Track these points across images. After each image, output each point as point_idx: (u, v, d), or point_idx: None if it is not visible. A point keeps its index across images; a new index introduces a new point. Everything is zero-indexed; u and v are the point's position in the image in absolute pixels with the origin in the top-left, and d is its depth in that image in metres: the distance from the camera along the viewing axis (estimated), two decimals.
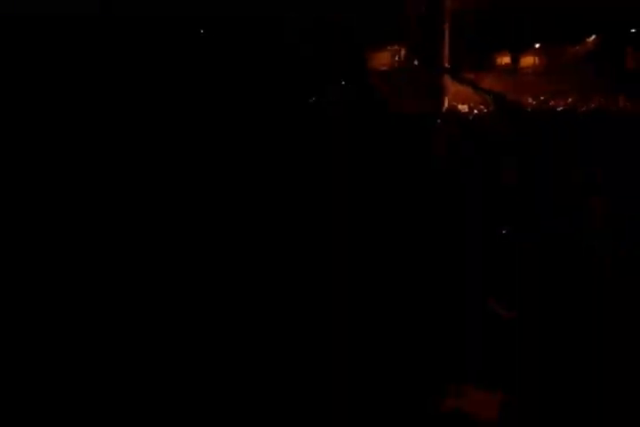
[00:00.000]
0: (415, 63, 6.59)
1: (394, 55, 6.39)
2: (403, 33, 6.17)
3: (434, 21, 6.70)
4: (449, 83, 9.93)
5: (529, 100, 13.99)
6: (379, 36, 6.87)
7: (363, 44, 7.24)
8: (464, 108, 14.60)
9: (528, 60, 20.69)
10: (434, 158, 6.09)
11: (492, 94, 2.14)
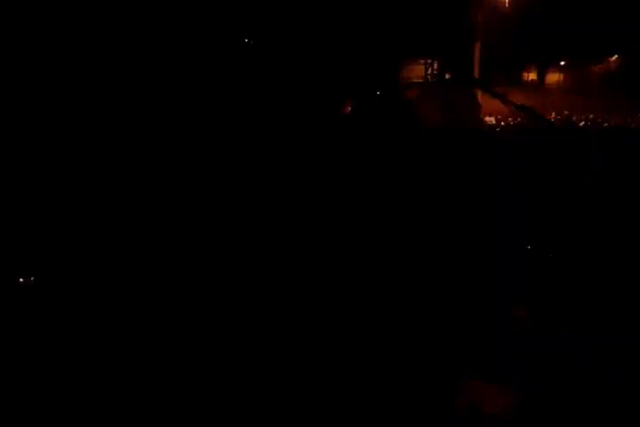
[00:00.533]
0: (447, 77, 6.99)
1: (427, 68, 6.78)
2: (436, 47, 6.56)
3: (466, 38, 7.08)
4: (478, 96, 10.32)
5: (552, 115, 14.29)
6: (413, 49, 7.24)
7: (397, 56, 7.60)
8: (491, 120, 14.94)
9: (553, 77, 20.96)
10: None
11: (523, 108, 2.31)
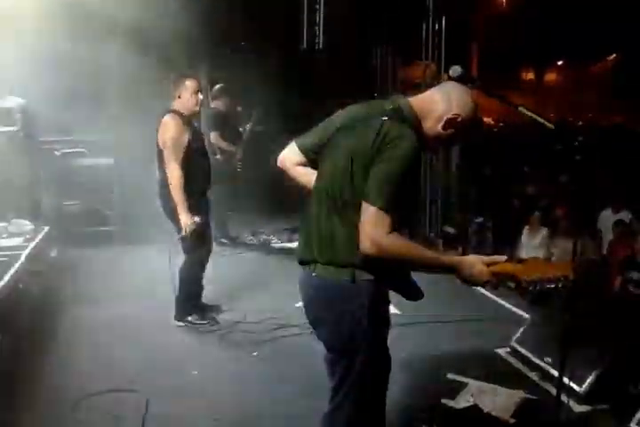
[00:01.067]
0: (445, 77, 6.93)
1: (424, 69, 6.72)
2: (432, 48, 6.51)
3: (462, 37, 7.02)
4: (475, 96, 10.21)
5: (551, 115, 14.24)
6: (409, 50, 7.23)
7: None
8: (489, 120, 14.88)
9: (551, 77, 20.95)
10: None
11: (523, 108, 2.27)
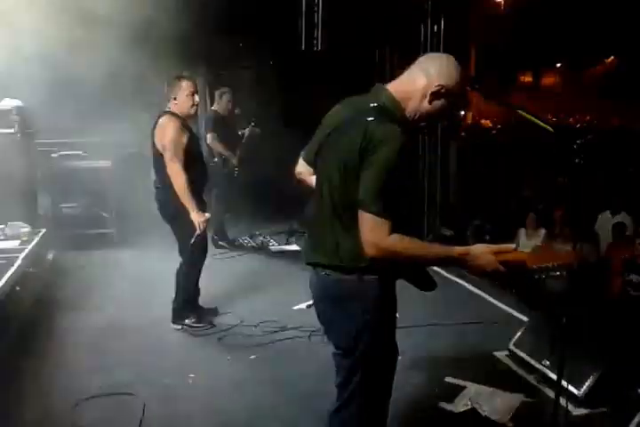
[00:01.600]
0: None
1: None
2: (431, 49, 6.50)
3: (461, 39, 7.01)
4: (472, 98, 10.23)
5: (549, 117, 14.22)
6: (408, 52, 7.22)
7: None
8: (487, 123, 14.87)
9: (549, 79, 20.91)
10: None
11: (522, 111, 2.24)
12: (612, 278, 4.85)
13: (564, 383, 2.33)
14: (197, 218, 3.55)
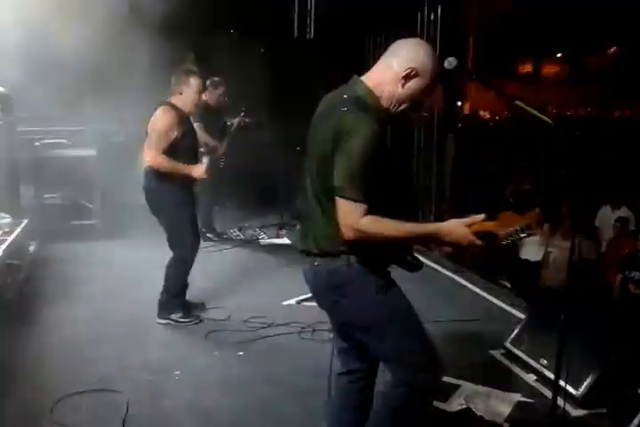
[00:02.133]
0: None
1: None
2: (427, 38, 6.38)
3: (459, 27, 6.88)
4: (472, 89, 10.09)
5: (550, 108, 14.08)
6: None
7: None
8: (486, 114, 14.77)
9: (550, 69, 20.69)
10: None
11: (520, 102, 2.16)
12: (611, 275, 4.78)
13: (561, 383, 2.24)
14: (194, 171, 3.50)
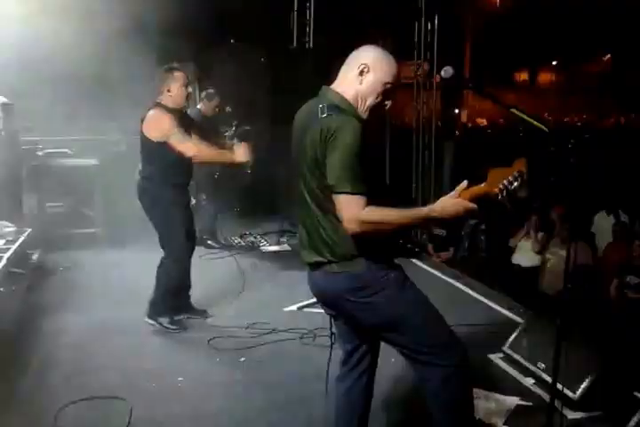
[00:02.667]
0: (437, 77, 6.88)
1: (416, 69, 6.65)
2: (425, 47, 6.45)
3: (456, 36, 6.97)
4: (468, 98, 10.21)
5: (545, 116, 14.20)
6: (402, 50, 7.17)
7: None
8: (482, 122, 14.86)
9: (545, 77, 20.88)
10: None
11: (515, 109, 2.21)
12: (608, 280, 4.81)
13: (559, 386, 2.27)
14: (238, 156, 3.53)
